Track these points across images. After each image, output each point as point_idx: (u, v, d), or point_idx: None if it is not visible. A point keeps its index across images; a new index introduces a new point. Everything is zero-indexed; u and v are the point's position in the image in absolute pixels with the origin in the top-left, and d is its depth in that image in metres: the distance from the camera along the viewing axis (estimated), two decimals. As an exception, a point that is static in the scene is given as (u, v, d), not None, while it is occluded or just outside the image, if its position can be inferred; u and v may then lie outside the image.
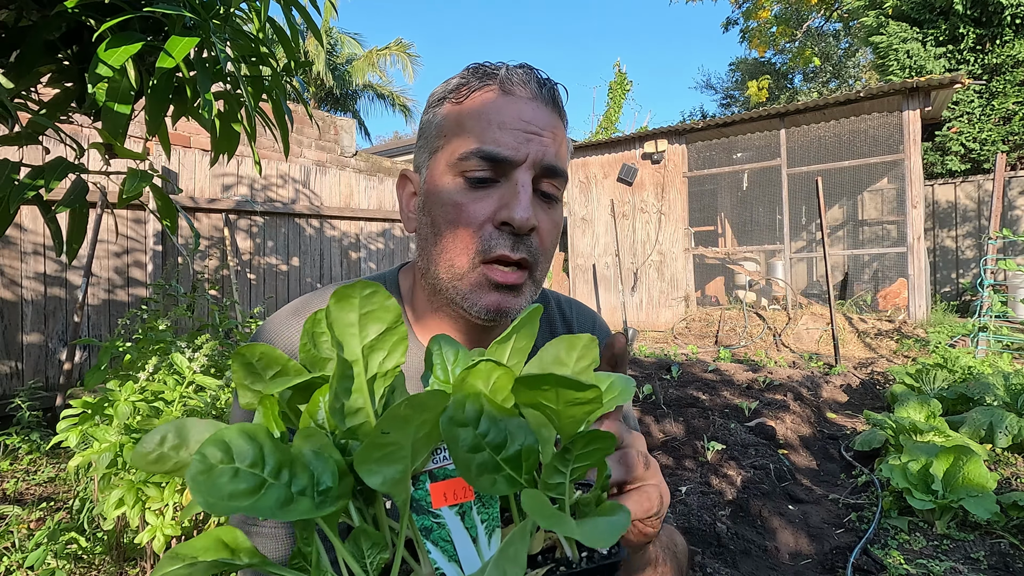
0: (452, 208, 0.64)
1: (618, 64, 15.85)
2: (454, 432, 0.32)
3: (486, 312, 0.65)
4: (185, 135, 5.07)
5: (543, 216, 0.66)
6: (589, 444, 0.35)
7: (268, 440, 0.31)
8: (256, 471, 0.29)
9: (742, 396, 4.46)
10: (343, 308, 0.34)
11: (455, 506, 0.39)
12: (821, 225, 5.93)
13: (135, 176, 1.14)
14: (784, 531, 2.51)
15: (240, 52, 1.39)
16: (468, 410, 0.33)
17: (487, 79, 0.66)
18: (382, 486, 0.32)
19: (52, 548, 1.95)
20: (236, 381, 0.37)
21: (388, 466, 0.32)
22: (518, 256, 0.63)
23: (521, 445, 0.34)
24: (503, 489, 0.33)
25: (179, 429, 0.33)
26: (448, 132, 0.66)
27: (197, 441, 0.33)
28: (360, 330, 0.35)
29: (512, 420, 0.35)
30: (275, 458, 0.30)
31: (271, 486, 0.29)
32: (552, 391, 0.32)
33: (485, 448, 0.33)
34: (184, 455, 0.33)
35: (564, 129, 0.69)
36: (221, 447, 0.29)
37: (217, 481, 0.28)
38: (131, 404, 1.72)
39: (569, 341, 0.38)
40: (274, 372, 0.37)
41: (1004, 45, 8.98)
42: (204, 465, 0.28)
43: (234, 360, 0.37)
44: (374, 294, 0.34)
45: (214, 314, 2.88)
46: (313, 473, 0.31)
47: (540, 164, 0.64)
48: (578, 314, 0.86)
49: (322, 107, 16.14)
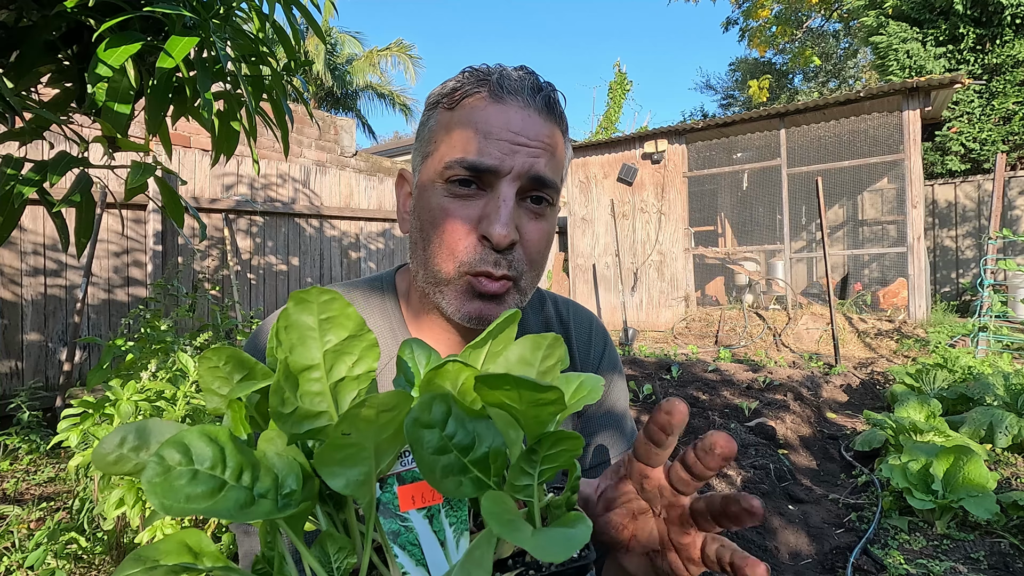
0: (439, 213, 0.64)
1: (618, 64, 15.85)
2: (418, 433, 0.31)
3: (468, 319, 0.65)
4: (185, 135, 5.07)
5: (530, 226, 0.66)
6: (555, 445, 0.34)
7: (230, 442, 0.30)
8: (216, 473, 0.28)
9: (742, 396, 4.46)
10: (301, 311, 0.33)
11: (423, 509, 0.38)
12: (821, 225, 5.93)
13: (139, 168, 1.14)
14: (784, 531, 2.51)
15: (240, 52, 1.39)
16: (435, 411, 0.32)
17: (479, 85, 0.65)
18: (345, 488, 0.31)
19: (52, 548, 1.95)
20: (203, 386, 0.37)
21: (351, 468, 0.31)
22: (500, 273, 0.63)
23: (489, 447, 0.34)
24: (469, 492, 0.33)
25: (140, 430, 0.32)
26: (438, 138, 0.66)
27: (158, 442, 0.32)
28: (320, 335, 0.34)
29: (480, 422, 0.34)
30: (236, 460, 0.29)
31: (231, 488, 0.29)
32: (514, 391, 0.32)
33: (452, 450, 0.32)
34: (144, 456, 0.32)
35: (561, 136, 0.68)
36: (180, 449, 0.28)
37: (174, 483, 0.27)
38: (133, 403, 1.72)
39: (534, 340, 0.38)
40: (241, 376, 0.37)
41: (1004, 45, 8.98)
42: (161, 467, 0.27)
43: (200, 364, 0.36)
44: (332, 301, 0.33)
45: (215, 314, 2.88)
46: (277, 476, 0.31)
47: (527, 175, 0.63)
48: (575, 315, 0.86)
49: (322, 107, 16.14)
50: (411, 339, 0.43)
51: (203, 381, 0.36)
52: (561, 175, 0.69)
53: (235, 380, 0.37)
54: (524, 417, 0.34)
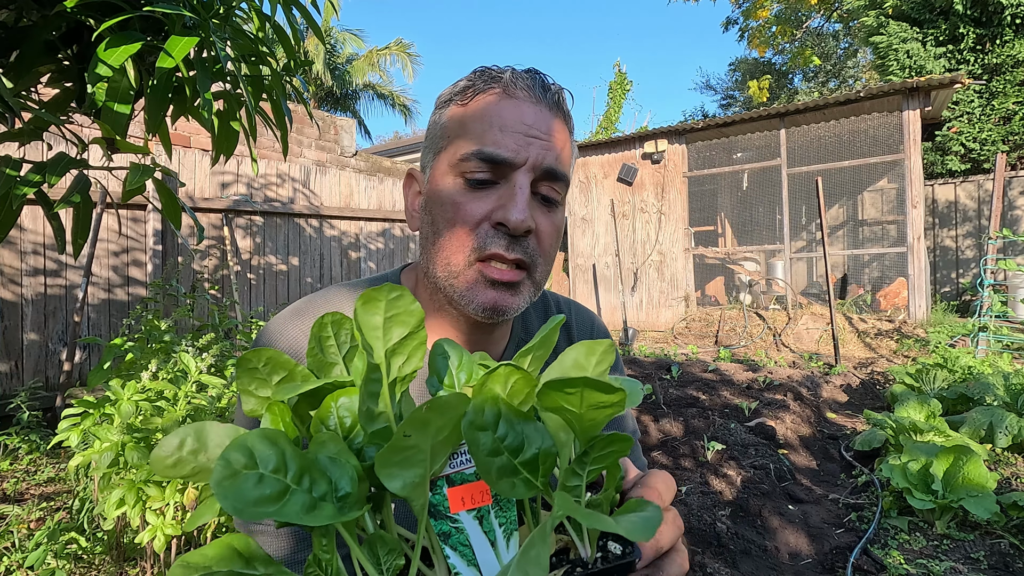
0: (451, 207, 0.65)
1: (618, 64, 15.84)
2: (475, 435, 0.32)
3: (483, 310, 0.65)
4: (185, 135, 5.07)
5: (542, 219, 0.66)
6: (607, 446, 0.35)
7: (289, 445, 0.31)
8: (280, 476, 0.29)
9: (742, 396, 4.46)
10: (369, 311, 0.34)
11: (473, 510, 0.39)
12: (821, 225, 5.93)
13: (138, 169, 1.14)
14: (784, 531, 2.51)
15: (240, 52, 1.39)
16: (487, 414, 0.33)
17: (492, 82, 0.66)
18: (402, 490, 0.32)
19: (52, 548, 1.95)
20: (240, 387, 0.37)
21: (407, 470, 0.32)
22: (513, 256, 0.63)
23: (538, 449, 0.34)
24: (522, 493, 0.33)
25: (198, 433, 0.33)
26: (452, 133, 0.67)
27: (217, 445, 0.33)
28: (384, 333, 0.35)
29: (529, 424, 0.35)
30: (296, 464, 0.30)
31: (295, 492, 0.29)
32: (578, 394, 0.32)
33: (504, 452, 0.33)
34: (203, 459, 0.33)
35: (568, 134, 0.70)
36: (244, 452, 0.29)
37: (242, 486, 0.28)
38: (134, 403, 1.72)
39: (589, 346, 0.39)
40: (280, 377, 0.37)
41: (1004, 45, 8.98)
42: (228, 470, 0.28)
43: (239, 365, 0.37)
44: (400, 297, 0.34)
45: (214, 314, 2.87)
46: (331, 479, 0.31)
47: (540, 167, 0.64)
48: (577, 315, 0.87)
49: (322, 107, 16.13)
50: (443, 339, 0.43)
51: (240, 383, 0.37)
52: (569, 172, 0.70)
53: (273, 382, 0.37)
54: (579, 420, 0.34)
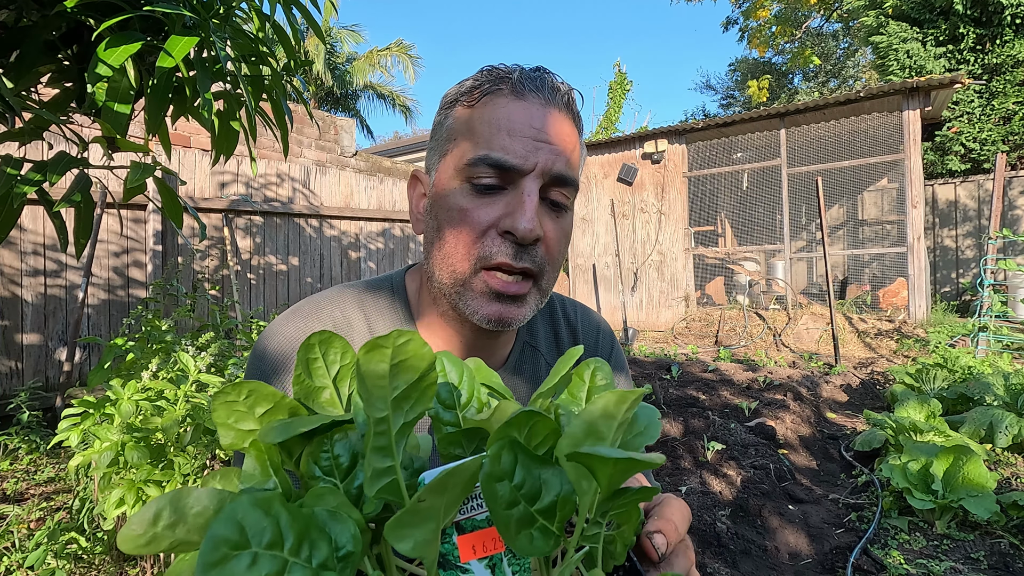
0: (457, 213, 0.63)
1: (618, 64, 15.84)
2: (493, 488, 0.31)
3: (488, 321, 0.64)
4: (185, 135, 5.07)
5: (551, 225, 0.65)
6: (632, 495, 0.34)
7: (284, 510, 0.27)
8: (276, 552, 0.26)
9: (742, 396, 4.46)
10: (373, 360, 0.31)
11: (485, 559, 0.37)
12: (821, 225, 5.93)
13: (138, 168, 1.14)
14: (784, 531, 2.51)
15: (240, 51, 1.39)
16: (504, 461, 0.32)
17: (499, 83, 0.64)
18: (413, 551, 0.29)
19: (52, 548, 1.95)
20: (218, 421, 0.34)
21: (418, 528, 0.29)
22: (521, 265, 0.62)
23: (556, 495, 0.33)
24: (540, 547, 0.32)
25: (175, 503, 0.29)
26: (458, 135, 0.65)
27: (197, 515, 0.29)
28: (391, 381, 0.32)
29: (547, 468, 0.33)
30: (294, 531, 0.27)
31: (294, 567, 0.26)
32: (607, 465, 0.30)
33: (520, 501, 0.32)
34: (182, 533, 0.28)
35: (578, 136, 0.68)
36: (233, 528, 0.25)
37: (234, 571, 0.24)
38: (134, 403, 1.72)
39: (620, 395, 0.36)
40: (264, 410, 0.34)
41: (1004, 45, 8.98)
42: (216, 554, 0.24)
43: (216, 399, 0.34)
44: (409, 343, 0.32)
45: (214, 314, 2.88)
46: (331, 537, 0.29)
47: (549, 173, 0.63)
48: (583, 318, 0.86)
49: (322, 107, 16.14)
50: (443, 352, 0.42)
51: (217, 416, 0.34)
52: (579, 175, 0.68)
53: (257, 414, 0.34)
54: (605, 477, 0.32)
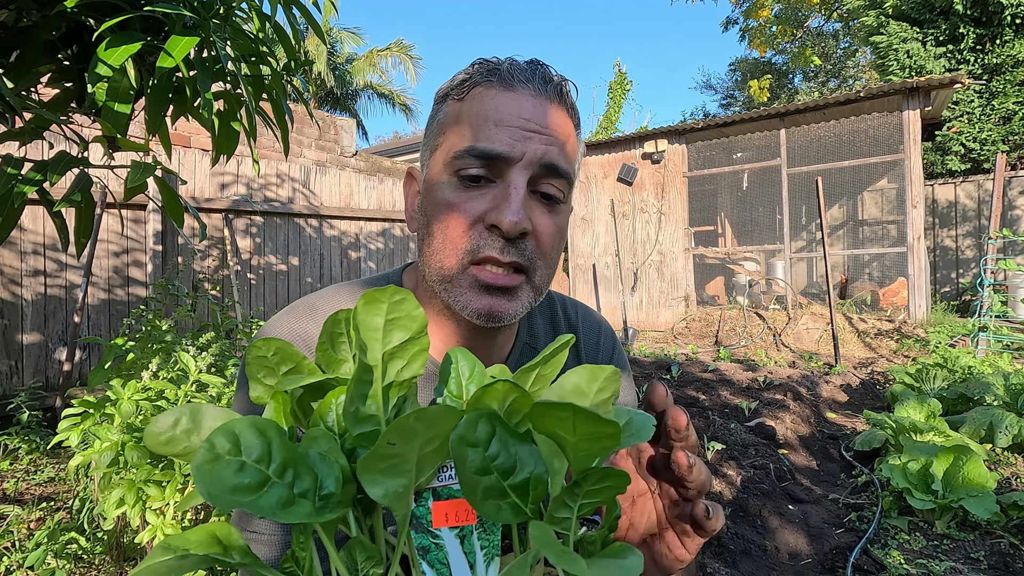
0: (445, 207, 0.62)
1: (618, 64, 15.84)
2: (463, 451, 0.31)
3: (477, 316, 0.62)
4: (185, 135, 5.07)
5: (542, 219, 0.63)
6: (601, 481, 0.33)
7: (277, 436, 0.30)
8: (262, 467, 0.29)
9: (742, 396, 4.46)
10: (370, 311, 0.33)
11: (456, 528, 0.37)
12: (821, 225, 5.93)
13: (139, 168, 1.14)
14: (784, 531, 2.51)
15: (240, 52, 1.39)
16: (480, 430, 0.32)
17: (489, 75, 0.63)
18: (383, 499, 0.31)
19: (52, 548, 1.95)
20: (249, 374, 0.37)
21: (391, 479, 0.31)
22: (508, 259, 0.60)
23: (530, 473, 0.33)
24: (507, 517, 0.32)
25: (193, 413, 0.33)
26: (447, 129, 0.64)
27: (209, 428, 0.33)
28: (384, 335, 0.34)
29: (524, 446, 0.33)
30: (281, 456, 0.30)
31: (274, 484, 0.29)
32: (569, 421, 0.31)
33: (493, 472, 0.32)
34: (195, 440, 0.33)
35: (573, 127, 0.66)
36: (230, 438, 0.29)
37: (222, 473, 0.27)
38: (134, 403, 1.72)
39: (592, 371, 0.36)
40: (288, 368, 0.37)
41: (1004, 45, 8.98)
42: (211, 455, 0.28)
43: (249, 352, 0.37)
44: (403, 301, 0.34)
45: (215, 314, 2.88)
46: (317, 476, 0.31)
47: (539, 163, 0.61)
48: (584, 318, 0.84)
49: (322, 107, 16.13)
50: (457, 348, 0.42)
51: (250, 369, 0.37)
52: (574, 168, 0.66)
53: (281, 372, 0.37)
54: (574, 449, 0.32)
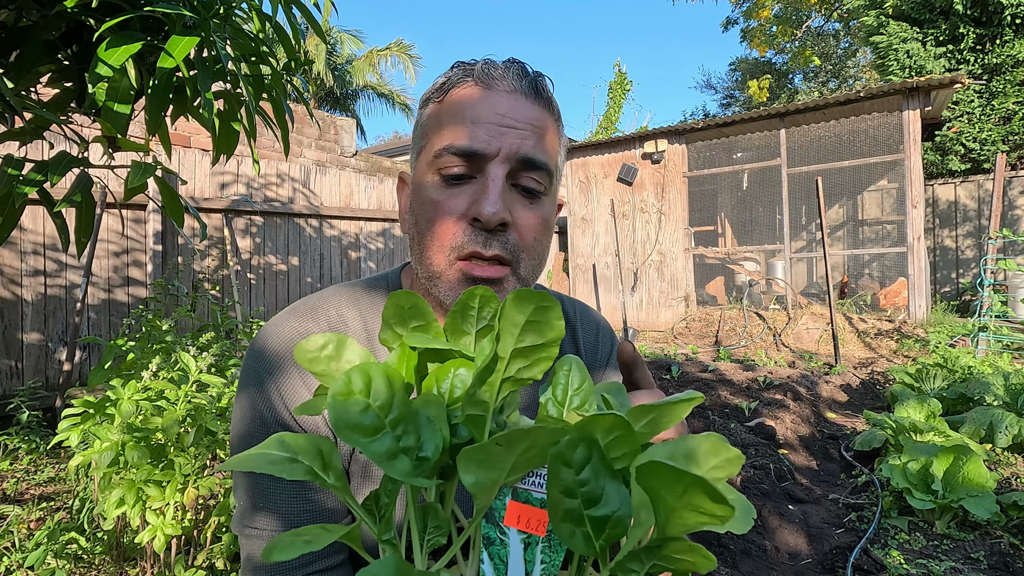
0: (431, 206, 0.64)
1: (618, 64, 15.85)
2: (557, 467, 0.31)
3: None
4: (185, 135, 5.07)
5: (523, 212, 0.64)
6: (685, 553, 0.31)
7: (401, 390, 0.33)
8: (381, 415, 0.32)
9: (742, 396, 4.46)
10: (516, 307, 0.35)
11: (524, 533, 0.38)
12: (821, 225, 5.93)
13: (139, 168, 1.14)
14: (784, 531, 2.51)
15: (240, 51, 1.39)
16: (578, 454, 0.31)
17: (465, 76, 0.65)
18: (472, 487, 0.32)
19: (52, 548, 1.95)
20: (385, 315, 0.40)
21: (485, 471, 0.32)
22: (491, 252, 0.62)
23: (612, 512, 0.32)
24: (578, 545, 0.32)
25: (339, 343, 0.38)
26: (429, 131, 0.66)
27: (348, 361, 0.37)
28: (520, 332, 0.35)
29: (613, 483, 0.32)
30: (400, 410, 0.33)
31: (386, 434, 0.32)
32: (681, 485, 0.28)
33: (578, 496, 0.31)
34: (333, 367, 0.37)
35: (552, 122, 0.68)
36: (365, 379, 0.32)
37: (350, 408, 0.31)
38: (134, 403, 1.72)
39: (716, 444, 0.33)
40: (417, 324, 0.39)
41: (1004, 45, 8.97)
42: (346, 388, 0.31)
43: (389, 301, 0.40)
44: (548, 309, 0.35)
45: (215, 314, 2.88)
46: (420, 437, 0.34)
47: (515, 157, 0.62)
48: (583, 317, 0.86)
49: (322, 107, 16.13)
50: (573, 358, 0.42)
51: (387, 311, 0.40)
52: (555, 161, 0.68)
53: (411, 326, 0.40)
54: (669, 512, 0.30)
